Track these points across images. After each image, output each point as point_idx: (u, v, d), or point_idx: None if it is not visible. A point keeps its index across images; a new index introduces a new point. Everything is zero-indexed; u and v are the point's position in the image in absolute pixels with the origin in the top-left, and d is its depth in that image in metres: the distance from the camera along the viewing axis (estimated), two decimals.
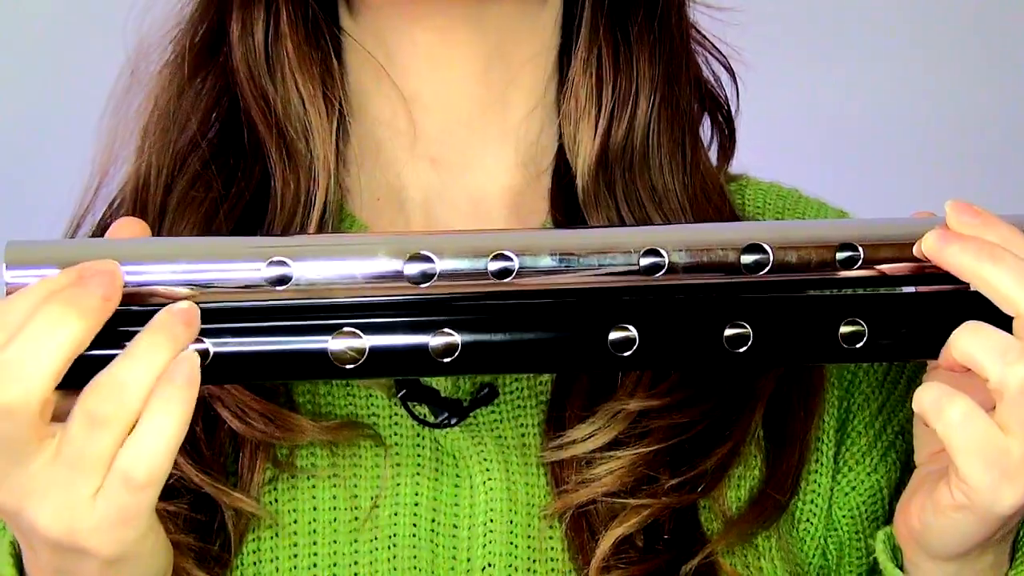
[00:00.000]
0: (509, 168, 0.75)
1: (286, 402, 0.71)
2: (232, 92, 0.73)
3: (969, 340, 0.59)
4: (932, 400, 0.60)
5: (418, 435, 0.71)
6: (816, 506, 0.73)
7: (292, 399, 0.71)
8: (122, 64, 0.76)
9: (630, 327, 0.61)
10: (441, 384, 0.72)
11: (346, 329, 0.60)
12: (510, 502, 0.69)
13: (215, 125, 0.74)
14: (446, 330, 0.60)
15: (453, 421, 0.71)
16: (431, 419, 0.71)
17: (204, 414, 0.69)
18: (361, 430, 0.71)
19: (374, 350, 0.60)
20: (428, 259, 0.60)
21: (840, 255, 0.62)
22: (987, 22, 1.41)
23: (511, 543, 0.69)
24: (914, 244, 0.62)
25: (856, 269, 0.62)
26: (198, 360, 0.56)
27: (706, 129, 0.79)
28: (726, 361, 0.62)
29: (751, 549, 0.71)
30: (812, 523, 0.73)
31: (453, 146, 0.75)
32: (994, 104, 1.40)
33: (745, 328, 0.62)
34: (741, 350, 0.62)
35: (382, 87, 0.74)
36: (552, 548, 0.69)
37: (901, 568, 0.67)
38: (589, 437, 0.69)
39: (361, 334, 0.60)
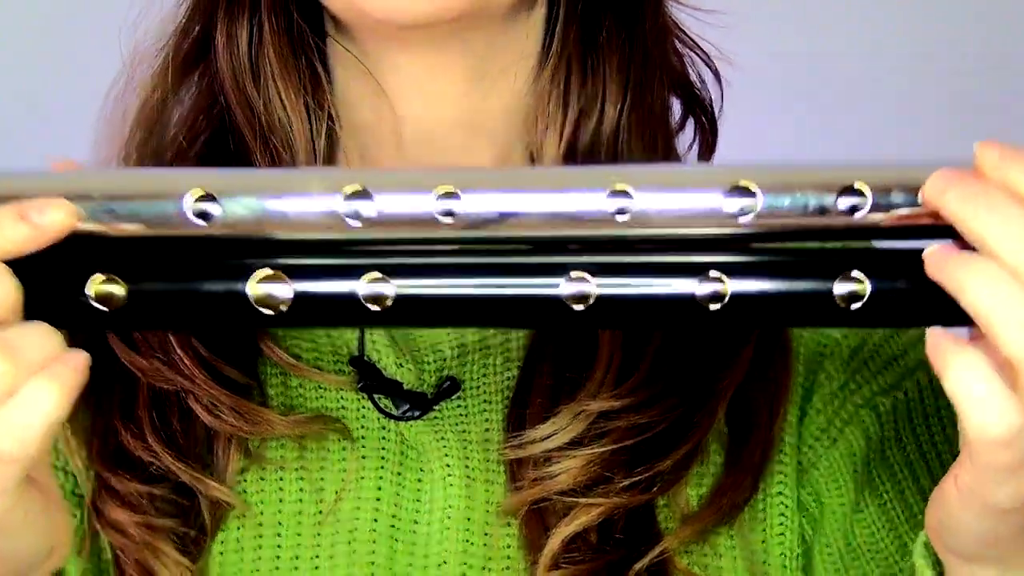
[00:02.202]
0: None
1: (258, 395, 0.70)
2: (220, 102, 0.72)
3: (985, 290, 0.50)
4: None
5: (383, 428, 0.70)
6: (785, 496, 0.70)
7: (264, 391, 0.70)
8: (116, 72, 0.75)
9: (588, 278, 0.53)
10: (404, 377, 0.70)
11: (269, 271, 0.53)
12: (468, 499, 0.68)
13: (203, 135, 0.72)
14: (377, 275, 0.53)
15: (416, 414, 0.69)
16: (396, 412, 0.70)
17: (179, 407, 0.68)
18: (330, 424, 0.69)
19: (300, 296, 0.53)
20: (366, 195, 0.53)
21: (842, 201, 0.53)
22: (986, 23, 1.37)
23: (467, 540, 0.68)
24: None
25: (862, 216, 0.53)
26: (89, 360, 0.52)
27: (687, 131, 0.77)
28: (698, 319, 0.53)
29: (709, 548, 0.69)
30: (786, 516, 0.70)
31: (434, 152, 0.72)
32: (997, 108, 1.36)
33: (721, 283, 0.53)
34: (715, 307, 0.53)
35: (366, 96, 0.71)
36: (508, 546, 0.68)
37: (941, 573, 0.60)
38: (548, 437, 0.67)
39: (286, 277, 0.53)
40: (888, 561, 0.69)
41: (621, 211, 0.53)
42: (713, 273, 0.53)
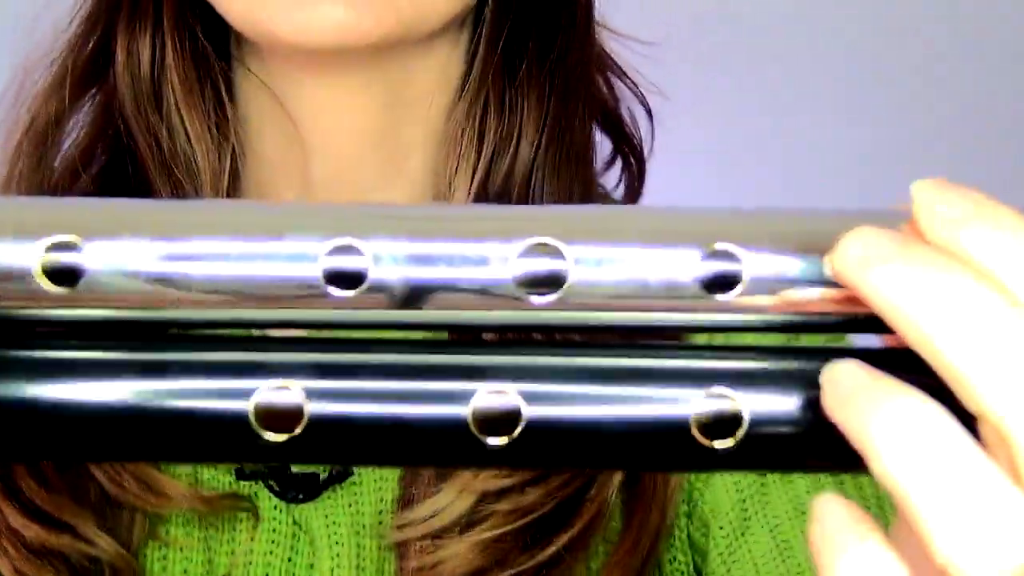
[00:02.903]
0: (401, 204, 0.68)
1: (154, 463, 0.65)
2: (118, 125, 0.67)
3: (912, 462, 0.31)
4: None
5: (276, 508, 0.66)
6: (679, 562, 0.67)
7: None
8: (6, 82, 0.69)
9: (291, 386, 0.33)
10: None
11: None
12: None
13: (100, 160, 0.68)
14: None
15: (302, 497, 0.66)
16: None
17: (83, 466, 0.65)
18: (237, 502, 0.65)
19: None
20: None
21: (704, 269, 0.33)
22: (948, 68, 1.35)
23: None
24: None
25: (732, 297, 0.33)
26: None
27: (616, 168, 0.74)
28: (474, 456, 0.33)
29: None
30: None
31: (342, 187, 0.68)
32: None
33: (507, 398, 0.33)
34: (497, 442, 0.32)
35: (273, 127, 0.67)
36: None
37: None
38: (431, 516, 0.63)
39: None
40: None
41: (359, 278, 0.33)
42: (493, 386, 0.33)
